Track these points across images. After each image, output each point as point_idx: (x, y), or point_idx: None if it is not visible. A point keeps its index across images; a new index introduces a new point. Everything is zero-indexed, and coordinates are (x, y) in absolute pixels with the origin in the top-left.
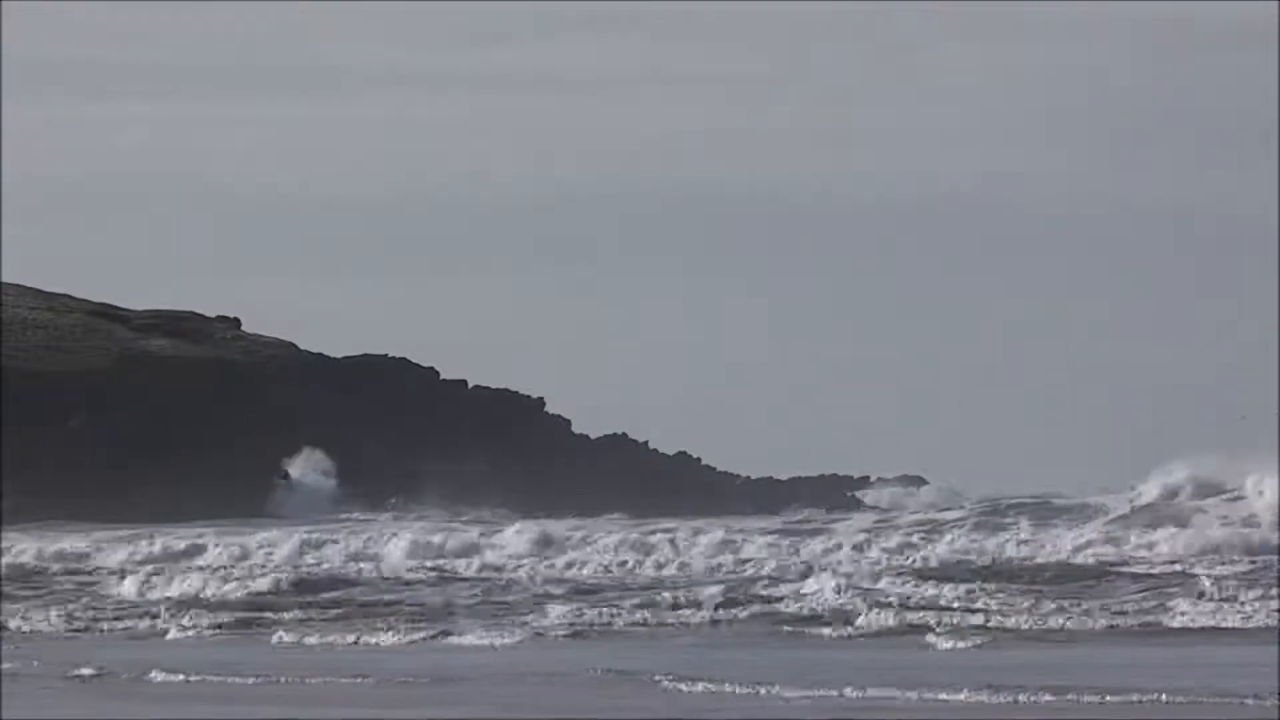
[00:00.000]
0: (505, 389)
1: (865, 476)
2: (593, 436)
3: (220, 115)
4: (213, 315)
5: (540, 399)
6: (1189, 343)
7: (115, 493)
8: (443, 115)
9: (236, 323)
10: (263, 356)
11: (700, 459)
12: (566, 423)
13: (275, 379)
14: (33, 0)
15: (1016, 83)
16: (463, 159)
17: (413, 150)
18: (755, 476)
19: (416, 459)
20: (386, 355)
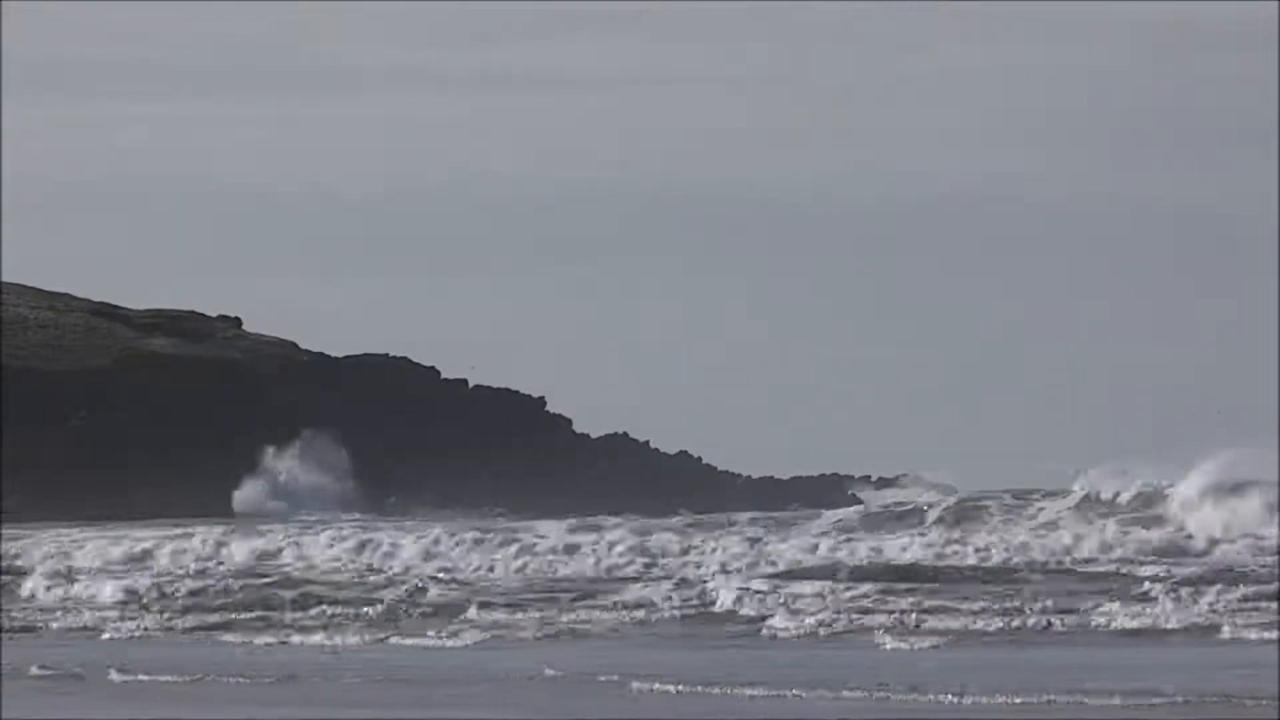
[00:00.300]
0: (505, 389)
1: (866, 476)
2: (593, 436)
3: (220, 115)
4: (213, 315)
5: (540, 399)
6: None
7: (115, 492)
8: (443, 115)
9: (237, 322)
10: (263, 356)
11: (701, 458)
12: (567, 422)
13: (275, 379)
14: (33, 0)
15: (1016, 83)
16: (463, 159)
17: (413, 150)
18: (756, 476)
19: (416, 459)
20: (386, 355)
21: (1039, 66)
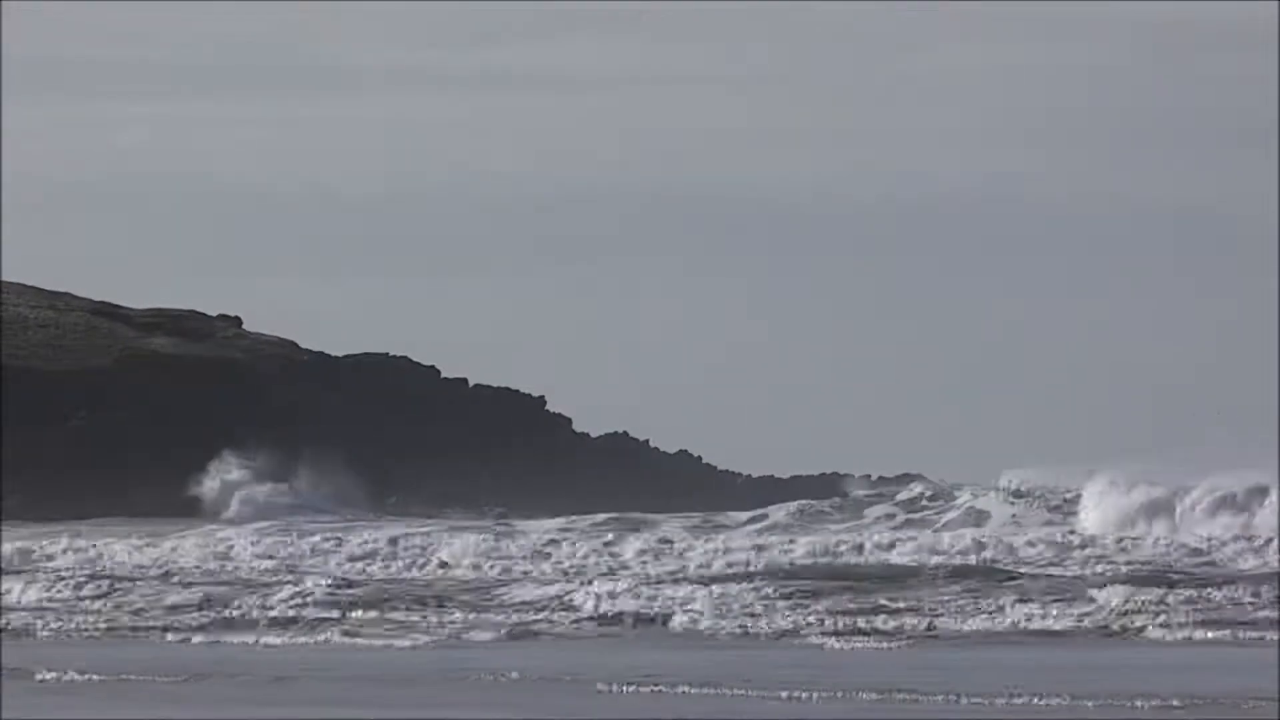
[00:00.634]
0: (505, 388)
1: (866, 475)
2: (593, 436)
3: (220, 115)
4: (214, 314)
5: (540, 398)
6: (1189, 343)
7: (115, 492)
8: (443, 115)
9: (237, 322)
10: (263, 355)
11: (701, 458)
12: (567, 422)
13: (276, 378)
14: (33, 0)
15: (1016, 83)
16: (463, 159)
17: (413, 150)
18: (756, 476)
19: (416, 458)
20: (386, 355)
21: (1039, 66)
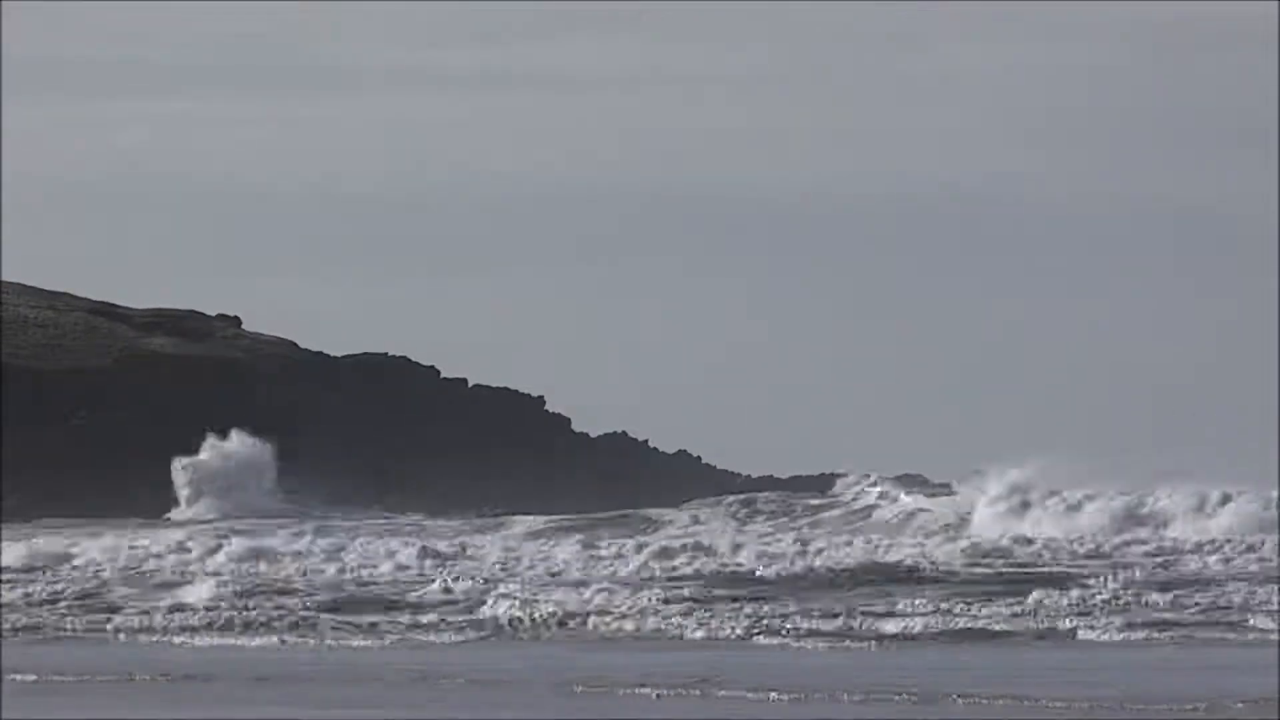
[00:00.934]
0: (505, 388)
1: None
2: (593, 435)
3: (220, 115)
4: (213, 314)
5: (540, 398)
6: (1189, 343)
7: (115, 492)
8: (443, 115)
9: (237, 321)
10: (263, 355)
11: (700, 458)
12: (566, 421)
13: (275, 378)
14: (33, 0)
15: (1016, 83)
16: (463, 159)
17: (413, 150)
18: (756, 475)
19: (416, 458)
20: (386, 355)
21: (1039, 66)
